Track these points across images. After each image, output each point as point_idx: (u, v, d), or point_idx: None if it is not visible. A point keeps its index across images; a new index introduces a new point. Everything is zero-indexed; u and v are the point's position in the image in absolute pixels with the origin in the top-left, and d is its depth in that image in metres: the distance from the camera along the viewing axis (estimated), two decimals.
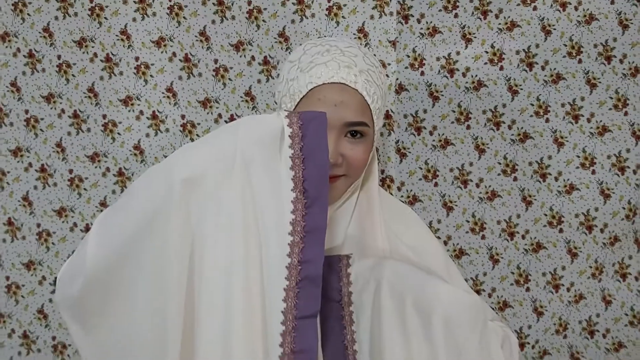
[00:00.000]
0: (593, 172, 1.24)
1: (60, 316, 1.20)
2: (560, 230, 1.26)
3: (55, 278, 1.21)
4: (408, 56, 1.25)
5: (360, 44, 1.24)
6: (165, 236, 0.72)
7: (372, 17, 1.23)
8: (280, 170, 0.74)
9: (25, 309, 1.31)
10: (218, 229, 0.72)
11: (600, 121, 1.23)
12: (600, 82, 1.22)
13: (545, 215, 1.26)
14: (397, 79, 1.25)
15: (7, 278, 1.30)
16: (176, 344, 0.71)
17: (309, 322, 0.73)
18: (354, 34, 1.23)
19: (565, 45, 1.22)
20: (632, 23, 1.20)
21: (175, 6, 1.23)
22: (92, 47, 1.24)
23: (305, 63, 0.83)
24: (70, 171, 1.27)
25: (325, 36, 1.22)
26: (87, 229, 1.27)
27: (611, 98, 1.22)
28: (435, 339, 0.77)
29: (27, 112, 1.27)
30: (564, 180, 1.25)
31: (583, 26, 1.21)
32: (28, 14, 1.24)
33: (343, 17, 1.23)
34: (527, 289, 1.28)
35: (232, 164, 0.73)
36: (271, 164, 0.74)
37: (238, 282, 0.72)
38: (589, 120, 1.23)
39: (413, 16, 1.24)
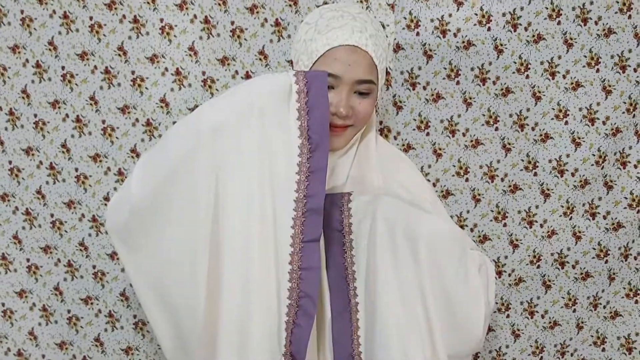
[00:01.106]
0: (566, 123, 1.41)
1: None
2: (535, 174, 1.44)
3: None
4: (405, 18, 1.38)
5: (362, 7, 1.37)
6: (195, 173, 0.90)
7: None
8: (289, 119, 0.92)
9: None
10: (238, 167, 0.91)
11: (575, 78, 1.38)
12: (576, 42, 1.36)
13: (522, 160, 1.43)
14: (395, 39, 1.39)
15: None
16: (204, 265, 0.90)
17: (313, 245, 0.92)
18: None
19: (547, 8, 1.35)
20: None
21: None
22: (121, 9, 1.38)
23: (322, 26, 0.97)
24: (103, 121, 1.44)
25: (335, 1, 1.36)
26: (119, 173, 1.45)
27: (585, 57, 1.37)
28: (420, 261, 0.96)
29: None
30: (540, 130, 1.42)
31: None
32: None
33: None
34: (505, 225, 1.47)
35: (249, 114, 0.91)
36: (281, 115, 0.92)
37: (254, 214, 0.91)
38: (564, 77, 1.38)
39: None
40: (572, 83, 1.39)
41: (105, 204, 1.47)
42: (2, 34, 1.40)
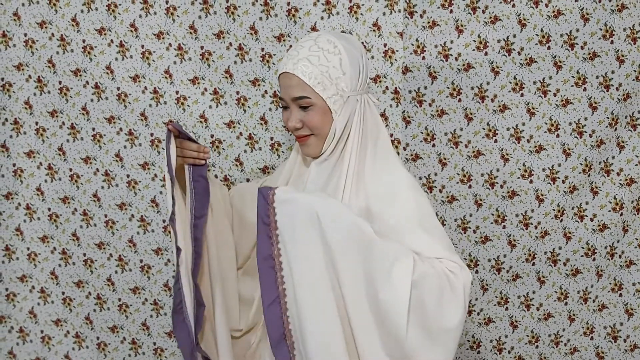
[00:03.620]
0: (557, 136, 1.58)
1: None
2: (531, 182, 1.61)
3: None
4: (412, 44, 1.58)
5: (375, 35, 1.58)
6: None
7: (384, 13, 1.56)
8: None
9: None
10: None
11: (564, 96, 1.56)
12: (564, 65, 1.54)
13: (519, 169, 1.61)
14: (404, 62, 1.59)
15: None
16: None
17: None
18: (370, 27, 1.57)
19: (537, 35, 1.53)
20: (591, 17, 1.50)
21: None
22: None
23: None
24: (152, 134, 1.67)
25: (346, 30, 1.57)
26: (164, 178, 1.68)
27: (573, 77, 1.55)
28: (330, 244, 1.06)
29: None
30: (535, 142, 1.59)
31: (552, 20, 1.52)
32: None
33: (361, 14, 1.56)
34: (504, 227, 1.64)
35: None
36: None
37: None
38: (555, 95, 1.56)
39: (417, 12, 1.57)
40: (562, 100, 1.56)
41: (152, 206, 1.70)
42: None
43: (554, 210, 1.61)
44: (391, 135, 1.65)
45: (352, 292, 1.06)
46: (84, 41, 1.62)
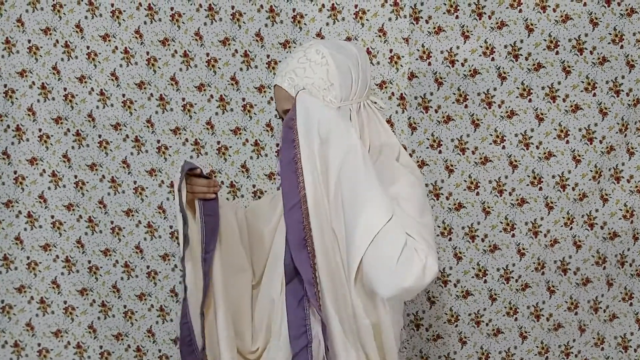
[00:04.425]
0: (567, 142, 1.55)
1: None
2: (540, 189, 1.58)
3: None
4: (418, 50, 1.57)
5: (380, 41, 1.57)
6: None
7: (390, 19, 1.55)
8: None
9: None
10: None
11: (574, 101, 1.54)
12: (573, 70, 1.52)
13: (528, 176, 1.59)
14: (409, 68, 1.58)
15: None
16: None
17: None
18: (375, 33, 1.56)
19: (545, 40, 1.51)
20: (600, 21, 1.48)
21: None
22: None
23: None
24: (158, 141, 1.67)
25: (351, 36, 1.56)
26: (171, 184, 1.68)
27: (582, 82, 1.52)
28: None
29: (40, 130, 1.67)
30: (544, 149, 1.57)
31: (560, 24, 1.50)
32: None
33: (367, 19, 1.56)
34: (513, 235, 1.62)
35: None
36: None
37: None
38: (564, 100, 1.54)
39: (422, 18, 1.56)
40: (571, 106, 1.54)
41: (159, 212, 1.69)
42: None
43: (563, 217, 1.58)
44: None
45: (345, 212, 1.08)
46: (88, 47, 1.63)
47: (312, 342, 1.10)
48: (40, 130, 1.68)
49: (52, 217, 1.72)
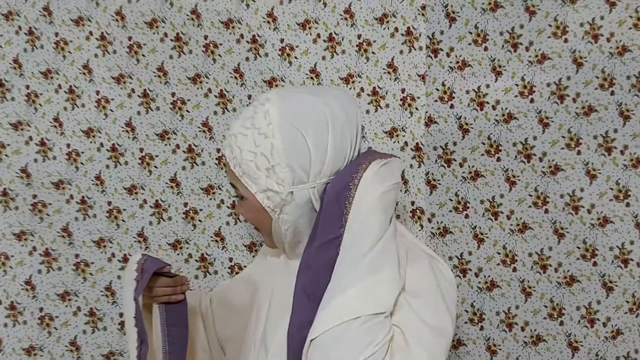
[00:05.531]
0: (627, 205, 1.22)
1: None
2: (594, 264, 1.24)
3: (124, 255, 1.33)
4: (437, 89, 1.26)
5: (390, 78, 1.26)
6: None
7: (401, 52, 1.25)
8: None
9: (93, 286, 1.36)
10: None
11: (635, 153, 1.21)
12: (633, 114, 1.20)
13: (578, 247, 1.25)
14: (427, 112, 1.26)
15: (77, 256, 1.35)
16: None
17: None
18: (384, 69, 1.25)
19: (597, 78, 1.21)
20: None
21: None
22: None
23: None
24: (141, 149, 1.33)
25: (354, 73, 1.25)
26: (156, 205, 1.33)
27: None
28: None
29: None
30: (597, 213, 1.24)
31: (615, 58, 1.20)
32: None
33: (373, 52, 1.25)
34: (561, 323, 1.26)
35: None
36: None
37: None
38: (622, 153, 1.22)
39: (442, 50, 1.25)
40: (631, 160, 1.22)
41: (139, 241, 1.36)
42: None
43: (627, 302, 1.23)
44: (412, 203, 1.29)
45: None
46: (56, 34, 1.31)
47: None
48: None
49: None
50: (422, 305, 0.78)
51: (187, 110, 1.31)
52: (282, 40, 1.26)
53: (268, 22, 1.26)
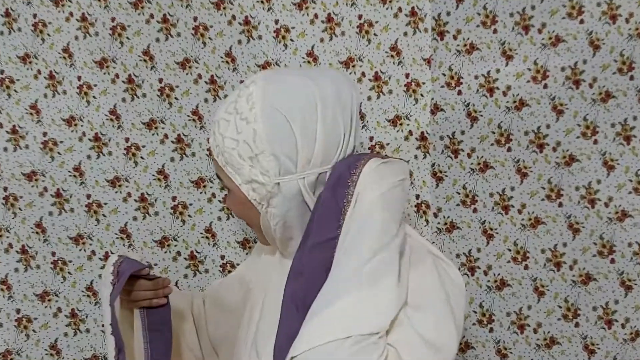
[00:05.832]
0: None
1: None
2: (612, 261, 1.16)
3: (106, 252, 1.26)
4: (444, 74, 1.18)
5: (393, 62, 1.17)
6: None
7: (405, 33, 1.16)
8: None
9: (73, 286, 1.28)
10: None
11: None
12: None
13: (595, 243, 1.17)
14: (432, 98, 1.18)
15: (53, 254, 1.27)
16: None
17: None
18: (386, 52, 1.17)
19: (616, 61, 1.13)
20: None
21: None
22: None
23: None
24: (127, 139, 1.26)
25: (354, 56, 1.17)
26: (142, 199, 1.24)
27: None
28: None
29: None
30: (615, 207, 1.15)
31: (635, 40, 1.12)
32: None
33: (375, 34, 1.17)
34: (576, 325, 1.18)
35: None
36: None
37: None
38: None
39: (449, 32, 1.17)
40: None
41: (121, 238, 1.28)
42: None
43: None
44: (417, 196, 1.21)
45: None
46: (35, 16, 1.21)
47: None
48: None
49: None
50: (422, 319, 0.70)
51: (176, 98, 1.23)
52: (276, 22, 1.18)
53: (262, 2, 1.17)
